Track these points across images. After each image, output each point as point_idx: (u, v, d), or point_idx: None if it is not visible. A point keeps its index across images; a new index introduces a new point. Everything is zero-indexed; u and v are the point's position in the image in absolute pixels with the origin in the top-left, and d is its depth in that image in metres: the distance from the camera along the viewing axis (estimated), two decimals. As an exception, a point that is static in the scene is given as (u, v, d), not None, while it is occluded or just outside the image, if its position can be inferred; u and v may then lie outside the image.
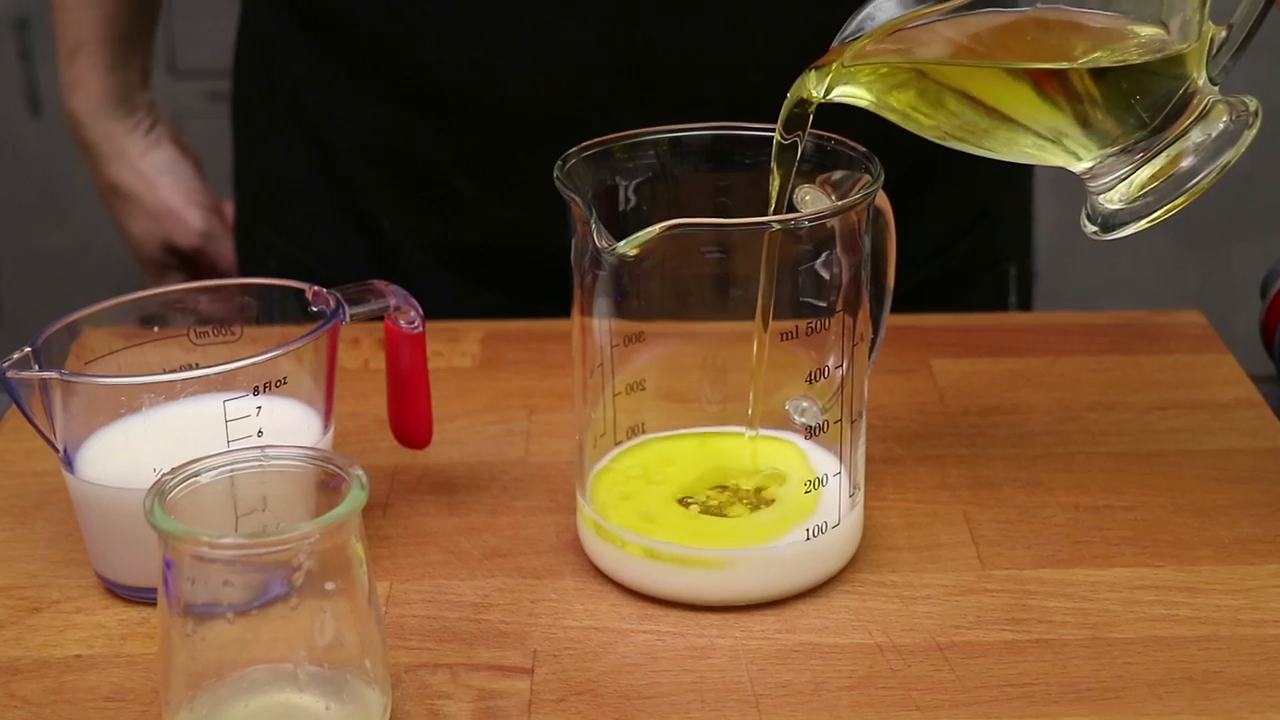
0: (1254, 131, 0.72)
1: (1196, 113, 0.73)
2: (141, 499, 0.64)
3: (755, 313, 0.75)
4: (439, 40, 1.02)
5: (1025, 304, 1.21)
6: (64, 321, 0.77)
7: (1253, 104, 0.73)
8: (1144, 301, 2.18)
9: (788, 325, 0.75)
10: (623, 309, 0.76)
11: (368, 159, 1.09)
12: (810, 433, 0.77)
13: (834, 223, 0.74)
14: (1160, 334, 1.01)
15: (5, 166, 2.25)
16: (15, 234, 2.29)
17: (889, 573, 0.78)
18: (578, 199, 0.72)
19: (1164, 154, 0.73)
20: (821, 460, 0.77)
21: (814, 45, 0.74)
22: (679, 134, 0.79)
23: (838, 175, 0.76)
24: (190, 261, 1.24)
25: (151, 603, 0.75)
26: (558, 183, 0.73)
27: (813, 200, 0.76)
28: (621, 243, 0.70)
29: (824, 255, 0.74)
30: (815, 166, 0.77)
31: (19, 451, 0.89)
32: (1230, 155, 0.72)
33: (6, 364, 0.73)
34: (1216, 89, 0.74)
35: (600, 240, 0.70)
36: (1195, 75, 0.72)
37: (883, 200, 0.78)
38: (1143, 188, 0.73)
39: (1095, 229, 0.75)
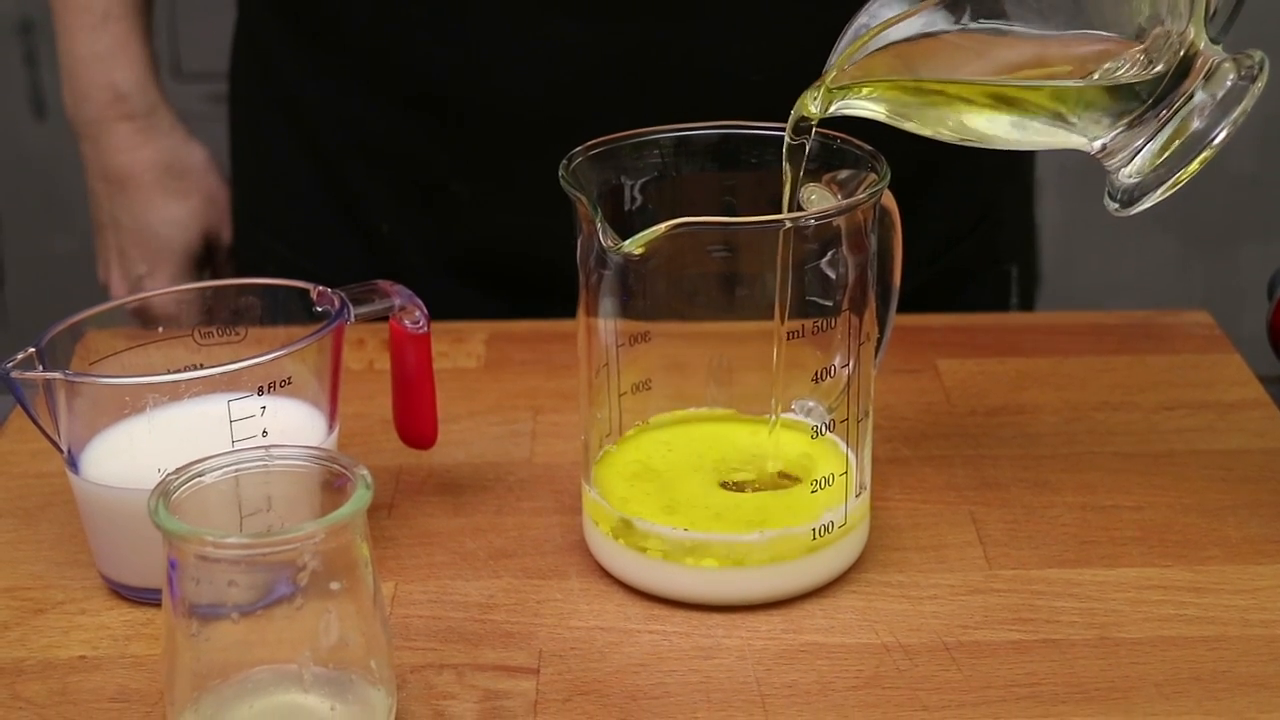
0: (1261, 84, 0.72)
1: (1202, 75, 0.72)
2: (146, 500, 0.64)
3: (762, 311, 0.75)
4: (435, 43, 1.02)
5: (1027, 305, 1.21)
6: (68, 322, 0.77)
7: (1257, 55, 0.72)
8: (1150, 302, 2.18)
9: (794, 324, 0.75)
10: (628, 308, 0.76)
11: (365, 163, 1.09)
12: (816, 432, 0.77)
13: (840, 222, 0.74)
14: (1167, 334, 1.01)
15: (10, 169, 2.25)
16: (19, 237, 2.29)
17: (896, 573, 0.78)
18: (583, 198, 0.72)
19: (1174, 121, 0.73)
20: (828, 460, 0.77)
21: (813, 46, 0.74)
22: (684, 133, 0.79)
23: (844, 174, 0.76)
24: (213, 261, 1.22)
25: (156, 603, 0.75)
26: (563, 182, 0.73)
27: (819, 199, 0.76)
28: (627, 242, 0.70)
29: (830, 254, 0.74)
30: (821, 165, 0.77)
31: (23, 452, 0.88)
32: (1239, 111, 0.72)
33: (11, 364, 0.73)
34: (1219, 47, 0.73)
35: (606, 239, 0.70)
36: (1195, 39, 0.72)
37: (889, 199, 0.78)
38: (1157, 157, 0.73)
39: (1117, 205, 0.74)
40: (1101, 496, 0.84)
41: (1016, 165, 1.18)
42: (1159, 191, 0.73)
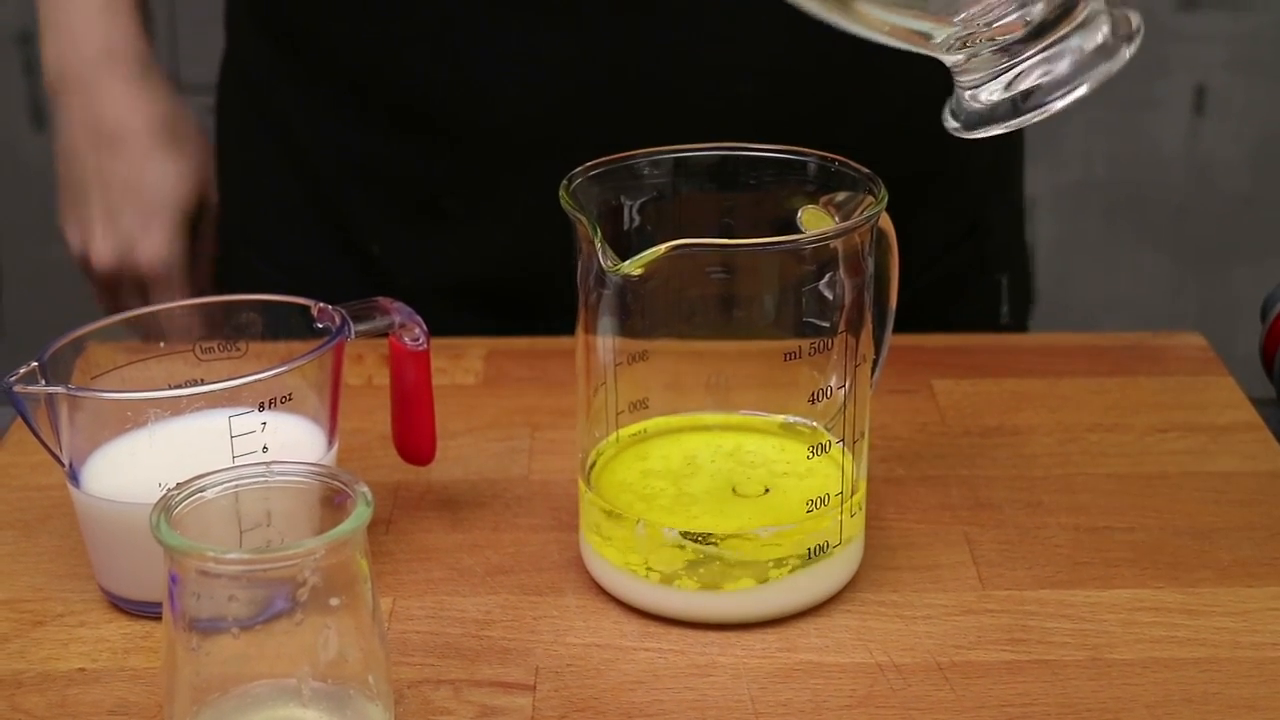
0: (1133, 48, 0.69)
1: (1077, 21, 0.71)
2: (146, 514, 0.64)
3: (760, 331, 0.75)
4: (425, 62, 1.02)
5: (1019, 314, 1.21)
6: (70, 336, 0.77)
7: (1135, 20, 0.70)
8: (1143, 323, 2.19)
9: (791, 345, 0.75)
10: (627, 327, 0.76)
11: (355, 183, 1.08)
12: (812, 453, 0.78)
13: (837, 244, 0.74)
14: (1161, 356, 1.01)
15: (8, 179, 2.25)
16: (17, 247, 2.29)
17: (890, 592, 0.79)
18: (583, 218, 0.72)
19: (1039, 58, 0.71)
20: (823, 480, 0.77)
21: (808, 56, 0.73)
22: (684, 154, 0.79)
23: (841, 196, 0.77)
24: (200, 223, 1.19)
25: (155, 617, 0.75)
26: (563, 202, 0.74)
27: (816, 221, 0.76)
28: (626, 262, 0.70)
29: (827, 276, 0.74)
30: (819, 188, 0.77)
31: (24, 465, 0.89)
32: (1105, 69, 0.70)
33: (13, 378, 0.73)
34: (1102, 1, 0.72)
35: (605, 260, 0.71)
36: None
37: (885, 222, 0.79)
38: (1009, 89, 0.72)
39: (957, 125, 0.72)
40: (1094, 518, 0.85)
41: (1005, 178, 1.19)
42: (1003, 124, 0.70)
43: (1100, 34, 0.71)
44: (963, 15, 0.70)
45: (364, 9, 1.03)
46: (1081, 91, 0.70)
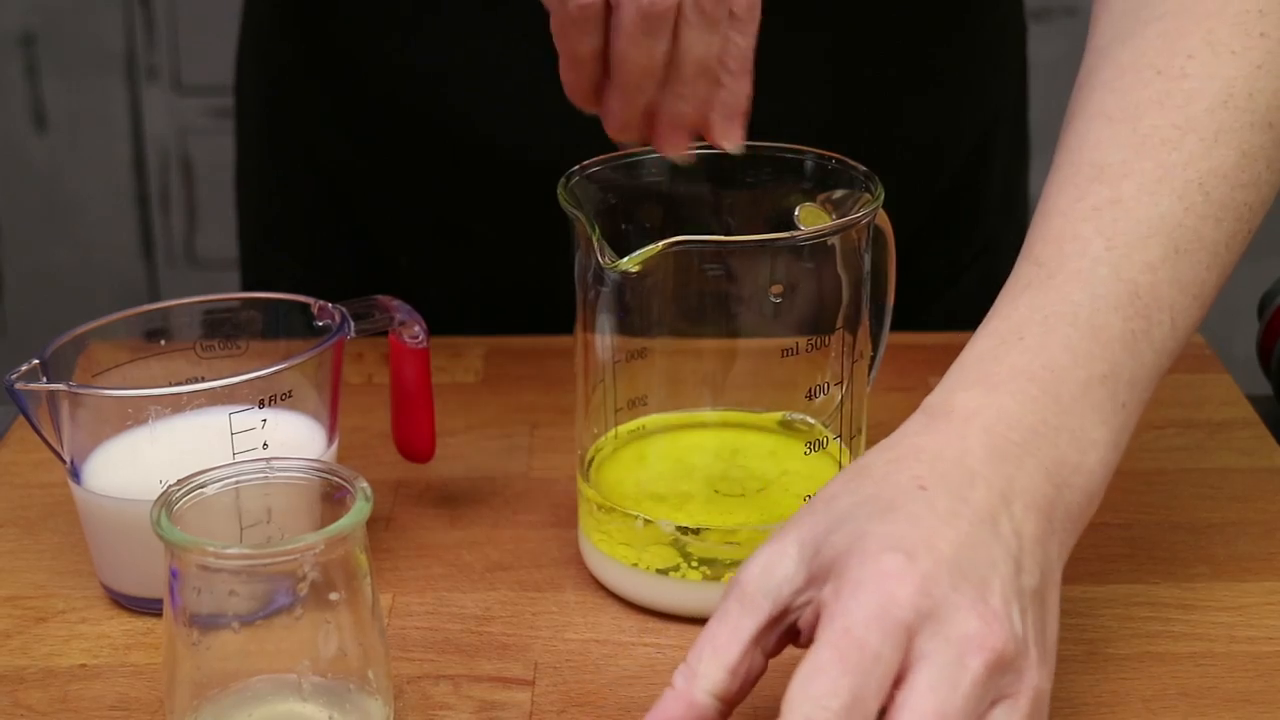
0: None
1: None
2: (147, 510, 0.65)
3: (757, 328, 0.76)
4: (471, 98, 1.01)
5: None
6: (72, 334, 0.78)
7: None
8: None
9: (788, 342, 0.76)
10: (625, 325, 0.77)
11: (385, 200, 1.07)
12: (809, 449, 0.78)
13: (834, 241, 0.74)
14: (1158, 353, 1.01)
15: (11, 181, 2.26)
16: (19, 248, 2.30)
17: (887, 588, 0.79)
18: (581, 216, 0.73)
19: None
20: (820, 476, 0.78)
21: (845, 106, 0.72)
22: (681, 152, 0.79)
23: (839, 194, 0.77)
24: None
25: (156, 613, 0.76)
26: (561, 200, 0.74)
27: (813, 218, 0.77)
28: (624, 259, 0.70)
29: (825, 273, 0.75)
30: (816, 185, 0.78)
31: (26, 463, 0.89)
32: None
33: (15, 376, 0.74)
34: None
35: (603, 257, 0.71)
36: None
37: (883, 219, 0.79)
38: None
39: None
40: (1091, 514, 0.85)
41: (1014, 201, 1.19)
42: None
43: None
44: None
45: (411, 43, 1.02)
46: None
